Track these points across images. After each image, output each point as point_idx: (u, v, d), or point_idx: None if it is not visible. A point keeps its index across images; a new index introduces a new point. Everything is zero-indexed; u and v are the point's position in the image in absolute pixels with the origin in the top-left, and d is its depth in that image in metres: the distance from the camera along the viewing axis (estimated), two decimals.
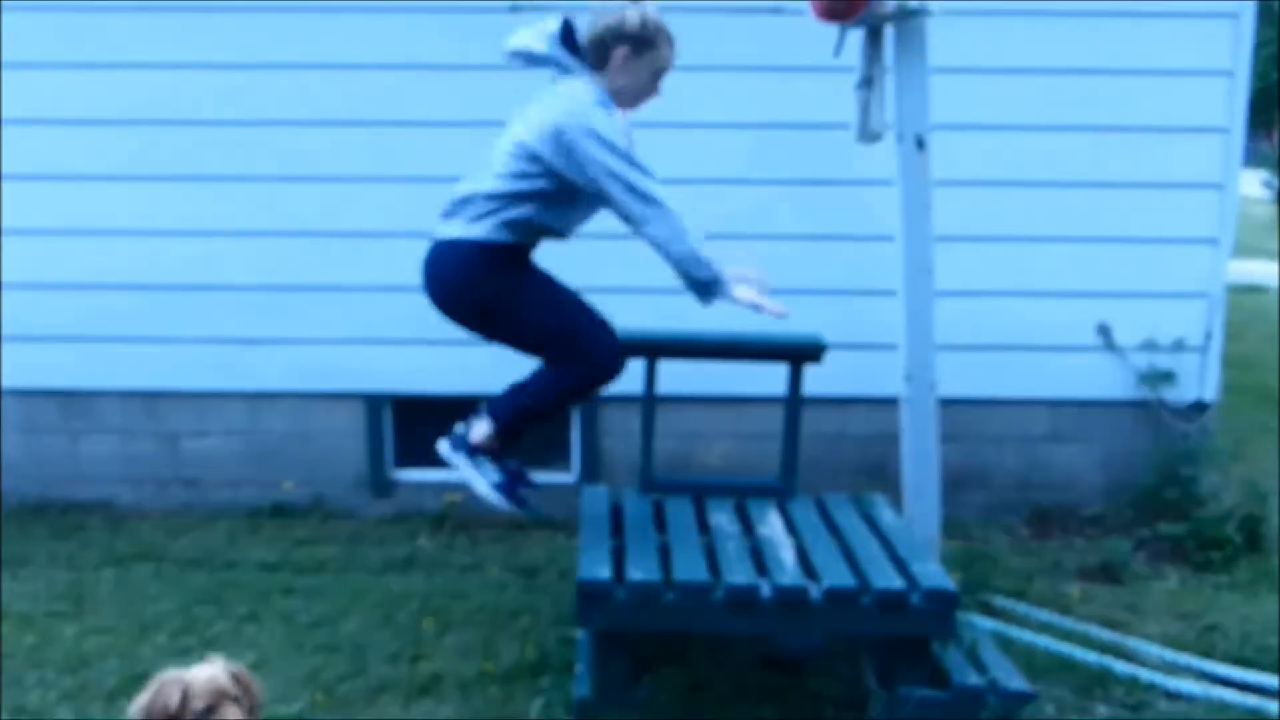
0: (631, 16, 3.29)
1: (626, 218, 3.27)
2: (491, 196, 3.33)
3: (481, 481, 3.51)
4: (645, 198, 3.21)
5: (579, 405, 3.43)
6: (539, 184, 3.30)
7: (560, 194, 3.33)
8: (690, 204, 4.92)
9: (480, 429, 3.52)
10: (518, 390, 3.51)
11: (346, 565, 4.71)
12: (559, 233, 3.46)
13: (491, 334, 3.51)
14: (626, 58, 3.31)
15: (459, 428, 3.58)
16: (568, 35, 3.37)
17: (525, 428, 3.54)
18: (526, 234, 3.41)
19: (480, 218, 3.34)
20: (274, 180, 5.04)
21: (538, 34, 3.41)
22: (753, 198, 5.04)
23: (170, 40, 4.94)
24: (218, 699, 2.42)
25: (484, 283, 3.38)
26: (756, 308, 3.28)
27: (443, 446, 3.56)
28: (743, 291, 3.28)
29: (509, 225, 3.34)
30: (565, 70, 3.37)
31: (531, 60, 3.43)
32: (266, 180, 5.04)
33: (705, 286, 3.28)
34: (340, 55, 4.94)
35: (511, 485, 3.55)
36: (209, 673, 2.46)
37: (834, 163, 4.85)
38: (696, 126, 4.97)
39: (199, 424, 5.28)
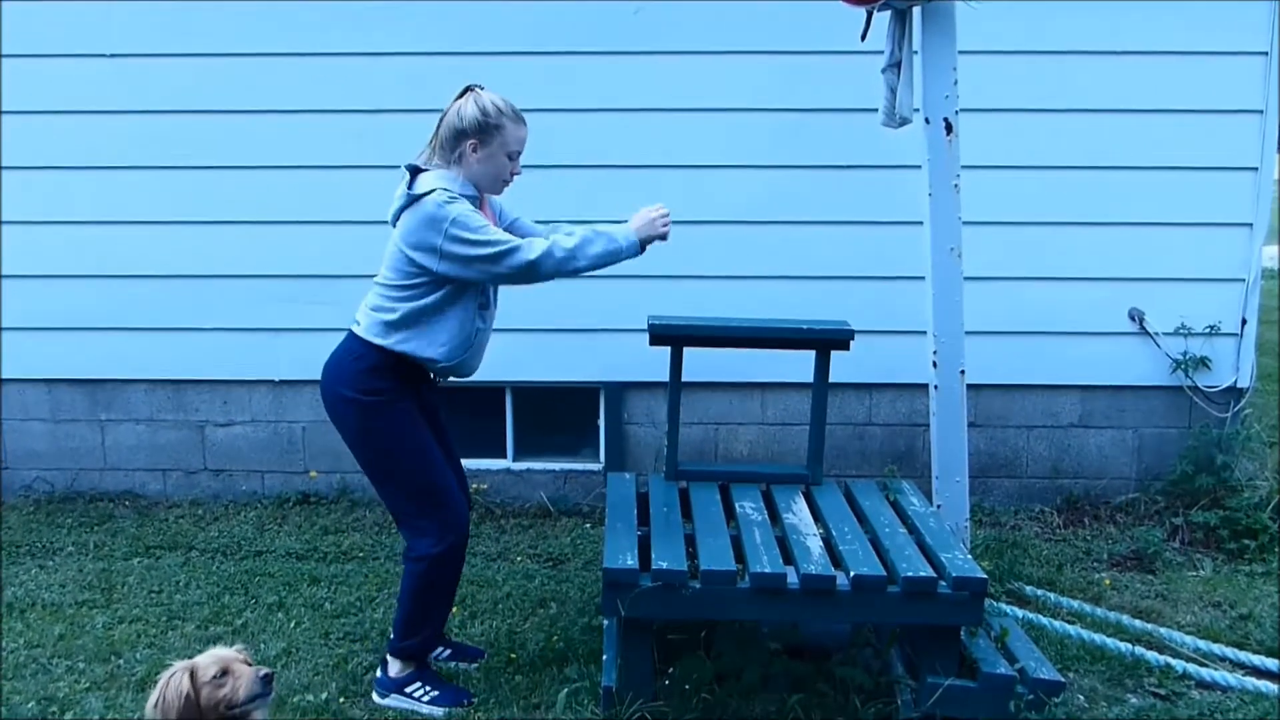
0: (468, 110, 3.32)
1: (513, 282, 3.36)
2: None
3: (423, 709, 3.48)
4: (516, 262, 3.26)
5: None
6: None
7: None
8: (716, 189, 4.99)
9: (392, 665, 3.55)
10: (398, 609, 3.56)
11: (373, 553, 4.72)
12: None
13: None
14: (475, 149, 3.35)
15: (379, 674, 3.59)
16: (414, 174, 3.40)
17: (427, 629, 3.54)
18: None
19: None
20: (299, 169, 5.04)
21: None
22: (779, 183, 5.01)
23: (186, 29, 4.96)
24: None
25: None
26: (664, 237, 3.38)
27: (375, 698, 3.54)
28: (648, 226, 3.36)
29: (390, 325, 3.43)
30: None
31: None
32: (291, 169, 5.04)
33: (629, 254, 3.35)
34: (363, 44, 4.93)
35: (454, 693, 3.54)
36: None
37: (861, 147, 4.81)
38: (722, 111, 4.95)
39: (225, 413, 5.30)
